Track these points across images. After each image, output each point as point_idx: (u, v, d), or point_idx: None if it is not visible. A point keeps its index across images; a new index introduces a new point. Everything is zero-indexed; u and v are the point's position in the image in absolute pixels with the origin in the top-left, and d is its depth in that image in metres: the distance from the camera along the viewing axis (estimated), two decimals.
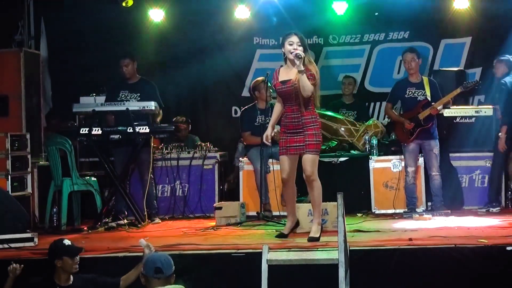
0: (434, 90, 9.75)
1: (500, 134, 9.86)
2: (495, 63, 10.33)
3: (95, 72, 11.58)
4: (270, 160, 9.86)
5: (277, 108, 7.96)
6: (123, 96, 9.86)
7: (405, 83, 9.93)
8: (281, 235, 7.84)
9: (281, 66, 7.89)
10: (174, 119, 11.21)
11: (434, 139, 9.73)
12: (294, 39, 7.61)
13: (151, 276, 5.63)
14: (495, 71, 10.33)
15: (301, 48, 7.57)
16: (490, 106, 10.40)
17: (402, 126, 9.82)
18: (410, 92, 9.79)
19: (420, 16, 11.86)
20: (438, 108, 9.68)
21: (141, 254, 6.35)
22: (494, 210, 9.78)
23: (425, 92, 9.71)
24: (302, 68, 7.45)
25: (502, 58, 10.26)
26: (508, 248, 6.62)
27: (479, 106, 10.88)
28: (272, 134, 8.12)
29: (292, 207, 8.02)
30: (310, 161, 7.65)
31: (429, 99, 9.67)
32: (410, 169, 9.79)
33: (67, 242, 6.28)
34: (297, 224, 8.03)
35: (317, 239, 7.50)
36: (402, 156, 10.01)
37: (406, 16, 11.84)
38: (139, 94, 9.83)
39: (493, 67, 10.40)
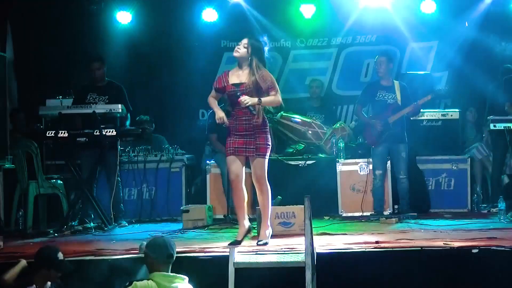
0: (404, 95, 9.77)
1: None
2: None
3: (62, 74, 11.52)
4: None
5: (215, 101, 7.80)
6: (91, 98, 9.76)
7: (376, 85, 9.95)
8: (235, 242, 7.43)
9: (228, 70, 7.74)
10: (137, 118, 11.15)
11: (403, 143, 9.76)
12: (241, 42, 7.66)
13: (162, 260, 5.59)
14: None
15: (244, 50, 7.56)
16: (457, 110, 10.49)
17: (371, 128, 9.84)
18: (381, 95, 9.81)
19: (387, 19, 11.90)
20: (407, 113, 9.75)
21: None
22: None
23: (395, 96, 9.73)
24: (256, 109, 7.36)
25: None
26: (474, 251, 6.66)
27: (446, 110, 10.96)
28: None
29: (242, 212, 7.60)
30: (261, 164, 7.46)
31: (399, 103, 9.71)
32: (378, 172, 9.82)
33: (60, 256, 6.08)
34: (248, 230, 7.66)
35: (267, 243, 7.39)
36: (369, 159, 10.05)
37: (374, 20, 11.89)
38: (107, 97, 9.74)
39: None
